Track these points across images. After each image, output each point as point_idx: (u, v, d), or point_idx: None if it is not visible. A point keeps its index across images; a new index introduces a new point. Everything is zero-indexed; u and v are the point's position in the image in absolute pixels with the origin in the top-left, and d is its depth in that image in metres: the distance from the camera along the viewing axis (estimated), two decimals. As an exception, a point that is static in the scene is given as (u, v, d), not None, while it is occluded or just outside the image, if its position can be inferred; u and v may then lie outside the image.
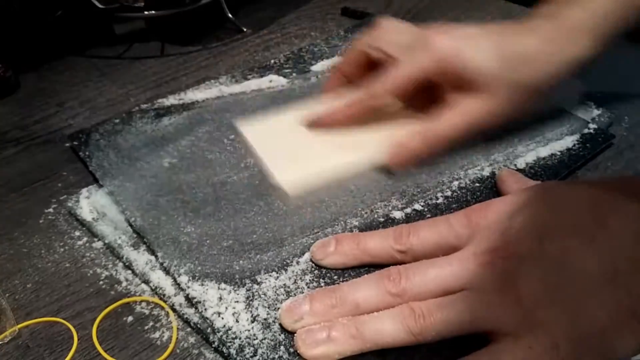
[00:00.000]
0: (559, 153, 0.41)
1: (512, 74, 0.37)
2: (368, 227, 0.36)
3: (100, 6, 0.53)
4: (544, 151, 0.41)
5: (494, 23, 0.40)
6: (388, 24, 0.41)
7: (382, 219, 0.36)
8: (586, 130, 0.43)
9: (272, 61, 0.52)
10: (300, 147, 0.40)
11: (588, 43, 0.38)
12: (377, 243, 0.32)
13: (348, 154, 0.39)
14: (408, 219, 0.36)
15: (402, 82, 0.38)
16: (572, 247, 0.27)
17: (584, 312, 0.26)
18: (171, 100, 0.47)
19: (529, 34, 0.38)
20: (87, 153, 0.41)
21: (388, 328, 0.28)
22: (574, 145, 0.42)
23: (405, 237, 0.32)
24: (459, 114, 0.38)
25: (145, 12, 0.54)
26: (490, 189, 0.38)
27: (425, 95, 0.40)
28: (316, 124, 0.40)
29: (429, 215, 0.36)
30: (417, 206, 0.37)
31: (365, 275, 0.31)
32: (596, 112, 0.46)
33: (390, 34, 0.40)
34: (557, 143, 0.42)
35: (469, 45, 0.38)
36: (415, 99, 0.40)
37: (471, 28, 0.39)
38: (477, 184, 0.39)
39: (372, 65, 0.40)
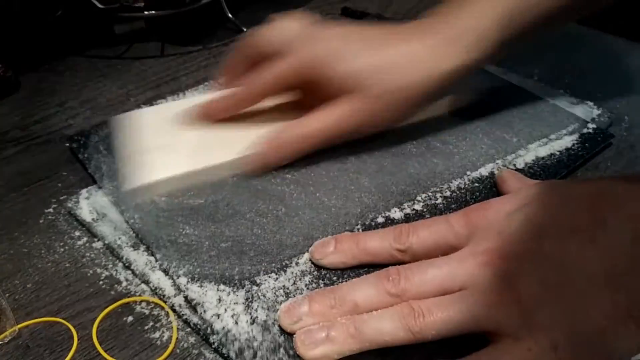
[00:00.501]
0: (558, 153, 0.41)
1: (379, 81, 0.37)
2: (367, 227, 0.36)
3: (100, 6, 0.53)
4: (543, 151, 0.41)
5: (381, 25, 0.40)
6: (277, 22, 0.41)
7: (381, 220, 0.36)
8: (585, 130, 0.43)
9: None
10: (164, 144, 0.39)
11: (468, 54, 0.38)
12: (377, 242, 0.32)
13: (213, 154, 0.39)
14: (407, 219, 0.36)
15: (273, 81, 0.38)
16: (571, 247, 0.27)
17: (583, 312, 0.26)
18: (170, 101, 0.47)
19: (408, 40, 0.38)
20: (85, 155, 0.41)
21: (387, 327, 0.28)
22: (573, 145, 0.42)
23: (404, 237, 0.32)
24: (324, 114, 0.38)
25: (145, 12, 0.54)
26: (490, 189, 0.38)
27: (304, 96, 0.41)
28: (191, 116, 0.40)
29: (428, 216, 0.36)
30: (417, 206, 0.37)
31: (364, 275, 0.31)
32: (596, 112, 0.46)
33: (274, 32, 0.40)
34: (556, 143, 0.42)
35: (341, 51, 0.37)
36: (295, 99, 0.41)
37: (356, 29, 0.39)
38: (477, 184, 0.39)
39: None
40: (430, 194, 0.38)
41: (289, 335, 0.29)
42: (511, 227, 0.30)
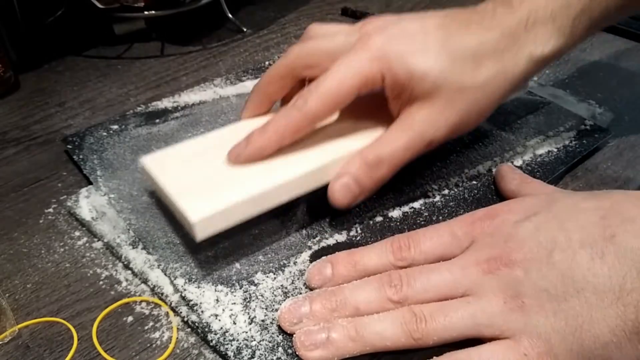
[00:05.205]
0: (555, 150, 0.41)
1: (462, 76, 0.33)
2: (365, 226, 0.36)
3: (100, 6, 0.53)
4: (541, 148, 0.41)
5: (439, 11, 0.35)
6: (317, 30, 0.36)
7: (380, 218, 0.36)
8: (582, 127, 0.43)
9: (267, 62, 0.52)
10: (216, 176, 0.33)
11: (551, 38, 0.34)
12: (376, 260, 0.31)
13: (275, 177, 0.32)
14: (405, 218, 0.36)
15: (339, 94, 0.32)
16: (581, 260, 0.27)
17: (588, 325, 0.26)
18: (165, 102, 0.47)
19: (481, 28, 0.33)
20: (81, 156, 0.41)
21: (389, 332, 0.28)
22: (571, 141, 0.42)
23: (405, 251, 0.31)
24: (402, 130, 0.33)
25: (145, 12, 0.55)
26: (487, 186, 0.38)
27: (363, 100, 0.34)
28: (240, 160, 0.33)
29: (426, 214, 0.36)
30: (415, 205, 0.37)
31: (366, 277, 0.31)
32: (597, 110, 0.46)
33: (320, 42, 0.35)
34: (554, 140, 0.42)
35: (413, 48, 0.32)
36: (353, 104, 0.34)
37: (412, 22, 0.34)
38: (474, 182, 0.39)
39: (303, 82, 0.35)
40: (428, 192, 0.38)
41: (287, 334, 0.29)
42: (519, 235, 0.29)
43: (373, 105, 0.35)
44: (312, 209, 0.37)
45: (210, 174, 0.33)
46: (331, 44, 0.34)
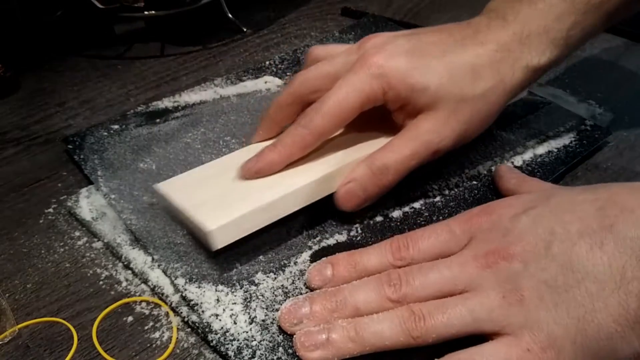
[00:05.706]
0: (555, 150, 0.41)
1: (461, 88, 0.34)
2: (366, 226, 0.36)
3: (100, 6, 0.53)
4: (541, 148, 0.41)
5: (434, 27, 0.37)
6: (318, 52, 0.39)
7: (380, 218, 0.36)
8: (583, 127, 0.43)
9: (268, 62, 0.52)
10: (228, 192, 0.34)
11: (546, 50, 0.36)
12: (376, 261, 0.31)
13: (284, 187, 0.34)
14: (405, 218, 0.36)
15: (341, 112, 0.34)
16: (580, 250, 0.27)
17: (590, 315, 0.26)
18: (166, 102, 0.47)
19: (477, 42, 0.35)
20: (81, 156, 0.41)
21: (388, 331, 0.28)
22: (571, 142, 0.42)
23: (404, 251, 0.31)
24: (408, 139, 0.35)
25: (145, 12, 0.55)
26: (487, 186, 0.38)
27: (368, 111, 0.36)
28: (250, 173, 0.35)
29: (426, 214, 0.36)
30: (416, 205, 0.37)
31: (365, 278, 0.31)
32: (597, 110, 0.46)
33: (322, 67, 0.36)
34: (554, 140, 0.42)
35: (411, 64, 0.34)
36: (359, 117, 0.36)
37: (408, 39, 0.35)
38: (475, 182, 0.39)
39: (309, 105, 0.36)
40: (428, 192, 0.38)
41: (288, 334, 0.29)
42: (517, 229, 0.29)
43: (377, 115, 0.36)
44: (312, 209, 0.36)
45: (222, 190, 0.34)
46: (333, 67, 0.36)
